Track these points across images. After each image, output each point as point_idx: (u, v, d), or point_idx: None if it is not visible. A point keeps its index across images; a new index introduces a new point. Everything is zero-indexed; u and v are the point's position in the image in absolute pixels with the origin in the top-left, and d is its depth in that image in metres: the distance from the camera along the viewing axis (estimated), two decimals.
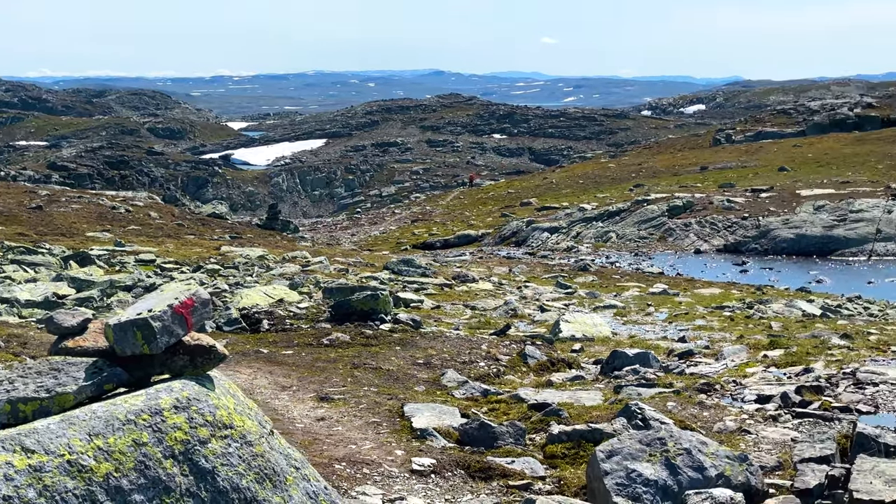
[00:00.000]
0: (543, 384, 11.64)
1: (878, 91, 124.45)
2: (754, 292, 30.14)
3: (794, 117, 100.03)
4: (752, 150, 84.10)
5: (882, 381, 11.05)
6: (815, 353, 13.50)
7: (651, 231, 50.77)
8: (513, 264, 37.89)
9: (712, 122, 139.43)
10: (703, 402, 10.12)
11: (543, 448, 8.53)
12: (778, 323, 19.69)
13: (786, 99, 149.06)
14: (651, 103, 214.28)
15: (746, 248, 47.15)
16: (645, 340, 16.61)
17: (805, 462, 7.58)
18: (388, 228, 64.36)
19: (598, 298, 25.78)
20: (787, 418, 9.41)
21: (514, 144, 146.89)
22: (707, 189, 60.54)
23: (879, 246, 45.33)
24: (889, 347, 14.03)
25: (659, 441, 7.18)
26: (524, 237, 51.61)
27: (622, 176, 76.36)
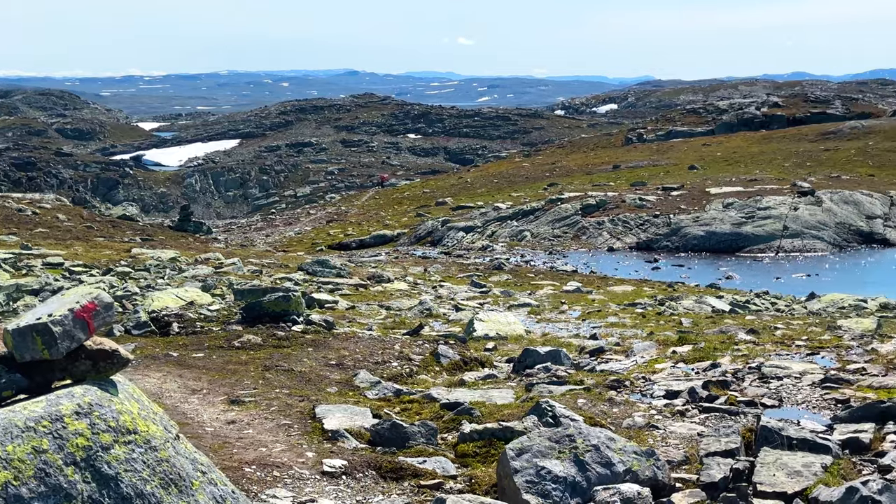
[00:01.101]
0: (456, 383, 11.67)
1: (783, 91, 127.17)
2: (666, 289, 30.59)
3: (703, 116, 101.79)
4: (664, 148, 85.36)
5: (786, 374, 11.29)
6: (722, 348, 13.74)
7: (565, 230, 51.21)
8: (428, 264, 37.94)
9: (624, 122, 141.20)
10: (612, 398, 10.24)
11: (455, 447, 8.54)
12: (688, 319, 20.00)
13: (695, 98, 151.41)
14: (564, 103, 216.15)
15: (658, 245, 47.84)
16: (557, 338, 16.74)
17: (711, 456, 7.71)
18: (303, 229, 63.98)
19: (513, 297, 25.91)
20: (694, 413, 9.55)
21: (429, 144, 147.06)
22: (620, 188, 61.27)
23: (786, 242, 46.33)
24: (793, 342, 14.33)
25: (568, 438, 7.24)
26: (439, 237, 51.71)
27: (536, 175, 76.92)
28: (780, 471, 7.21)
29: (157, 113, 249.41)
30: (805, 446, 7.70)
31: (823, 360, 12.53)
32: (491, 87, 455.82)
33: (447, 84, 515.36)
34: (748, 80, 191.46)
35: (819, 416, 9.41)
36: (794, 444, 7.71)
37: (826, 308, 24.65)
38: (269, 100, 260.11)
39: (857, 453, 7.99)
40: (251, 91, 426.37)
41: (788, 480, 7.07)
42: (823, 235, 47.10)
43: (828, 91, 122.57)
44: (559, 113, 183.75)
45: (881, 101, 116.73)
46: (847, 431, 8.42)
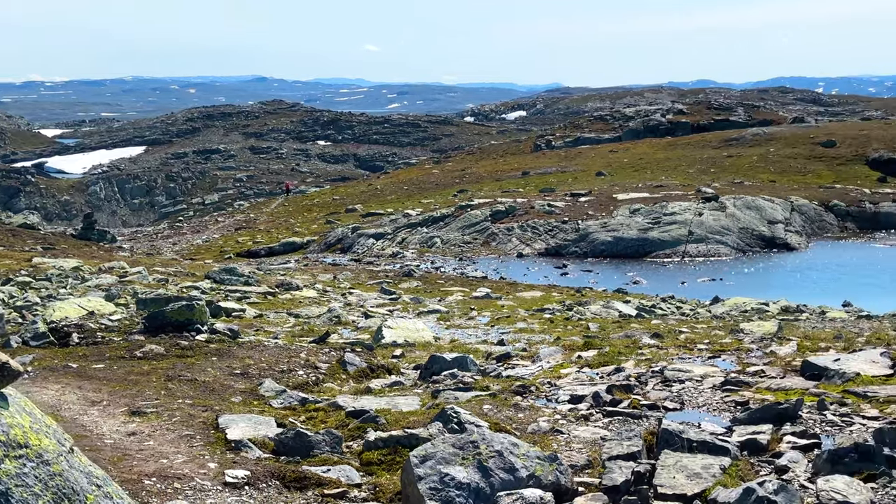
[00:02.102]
0: (362, 391, 11.62)
1: (688, 98, 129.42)
2: (574, 294, 30.87)
3: (610, 123, 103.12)
4: (572, 155, 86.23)
5: (688, 378, 11.46)
6: (626, 352, 13.90)
7: (475, 236, 51.39)
8: (338, 271, 37.76)
9: (533, 128, 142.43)
10: (518, 403, 10.27)
11: (360, 455, 8.49)
12: (595, 324, 20.19)
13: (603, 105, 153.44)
14: (474, 109, 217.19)
15: (567, 251, 48.28)
16: (465, 345, 16.76)
17: (613, 459, 7.77)
18: (211, 237, 63.23)
19: (423, 303, 25.90)
20: (598, 417, 9.64)
21: (338, 151, 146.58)
22: (529, 194, 61.69)
23: (691, 247, 47.09)
24: (696, 345, 14.56)
25: (472, 444, 7.24)
26: (350, 244, 51.50)
27: (446, 182, 77.12)
28: (680, 473, 7.30)
29: (59, 119, 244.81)
30: (705, 448, 7.82)
31: (724, 363, 12.74)
32: (401, 94, 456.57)
33: (357, 91, 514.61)
34: (654, 87, 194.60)
35: (719, 418, 9.56)
36: (694, 447, 7.82)
37: (729, 312, 25.12)
38: (175, 106, 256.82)
39: (755, 454, 8.13)
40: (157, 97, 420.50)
41: (688, 482, 7.16)
42: (727, 240, 47.99)
43: (731, 99, 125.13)
44: (469, 120, 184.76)
45: (782, 109, 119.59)
46: (746, 433, 8.57)
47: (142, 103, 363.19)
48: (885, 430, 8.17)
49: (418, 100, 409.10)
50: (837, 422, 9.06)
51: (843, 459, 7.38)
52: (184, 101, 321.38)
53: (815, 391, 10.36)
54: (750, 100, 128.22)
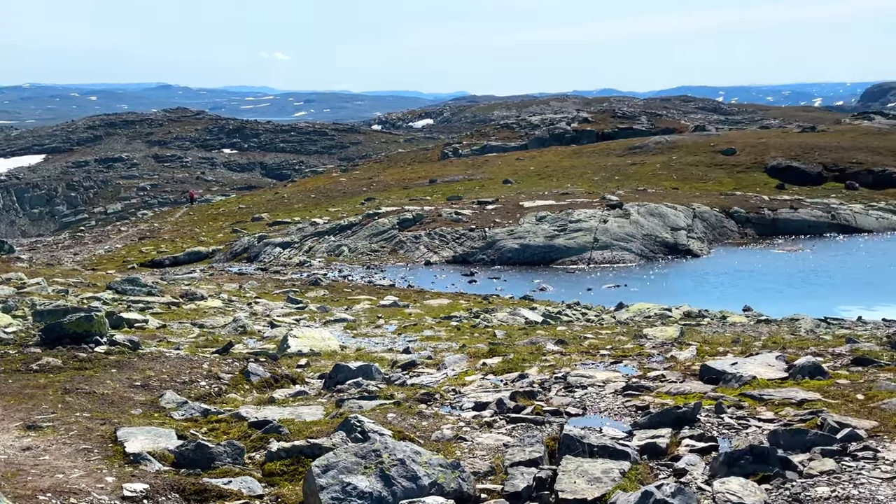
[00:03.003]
0: (266, 401, 11.51)
1: (592, 106, 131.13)
2: (481, 302, 31.00)
3: (517, 131, 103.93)
4: (479, 163, 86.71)
5: (590, 383, 11.60)
6: (531, 359, 14.00)
7: (383, 244, 51.33)
8: (244, 280, 37.38)
9: (440, 136, 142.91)
10: (422, 411, 10.28)
11: (263, 466, 8.41)
12: (502, 331, 20.30)
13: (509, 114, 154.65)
14: (381, 118, 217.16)
15: (474, 258, 48.47)
16: (371, 353, 16.73)
17: (515, 465, 7.83)
18: (114, 247, 62.11)
19: (330, 312, 25.80)
20: (501, 424, 9.69)
21: (245, 159, 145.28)
22: (436, 202, 61.86)
23: (597, 254, 47.65)
24: (598, 351, 14.73)
25: (374, 453, 7.23)
26: (256, 253, 51.06)
27: (354, 190, 76.98)
28: (581, 478, 7.38)
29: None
30: (605, 453, 7.92)
31: (626, 368, 12.92)
32: (307, 102, 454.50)
33: (263, 99, 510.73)
34: (559, 96, 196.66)
35: (620, 422, 9.69)
36: (595, 452, 7.92)
37: (633, 317, 25.45)
38: (76, 114, 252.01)
39: (655, 458, 8.26)
40: (57, 105, 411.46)
41: (588, 487, 7.24)
42: (632, 247, 48.66)
43: (634, 107, 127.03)
44: (376, 128, 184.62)
45: (684, 117, 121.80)
46: (645, 437, 8.69)
47: (41, 111, 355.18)
48: (780, 432, 8.38)
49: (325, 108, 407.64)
50: (734, 424, 9.25)
51: (739, 461, 7.54)
52: (85, 109, 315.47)
53: (713, 395, 10.56)
54: (653, 108, 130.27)
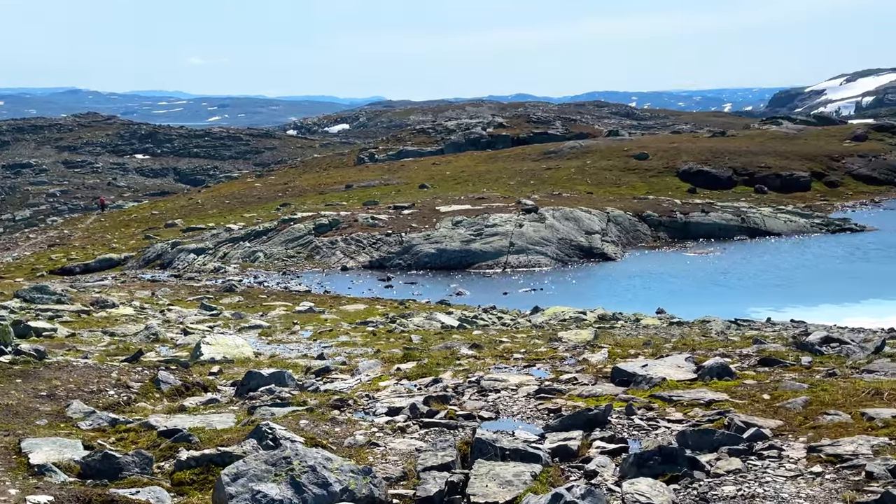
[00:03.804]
0: (176, 410, 11.34)
1: (507, 112, 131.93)
2: (397, 307, 31.00)
3: (433, 136, 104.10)
4: (395, 168, 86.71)
5: (503, 387, 11.65)
6: (445, 363, 14.02)
7: (299, 250, 51.02)
8: (157, 287, 36.85)
9: (356, 141, 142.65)
10: (335, 417, 10.23)
11: (172, 475, 8.28)
12: (418, 336, 20.30)
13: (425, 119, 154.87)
14: (296, 123, 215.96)
15: (391, 263, 48.42)
16: (285, 360, 16.60)
17: (428, 470, 7.82)
18: (22, 254, 60.72)
19: (244, 319, 25.57)
20: (414, 429, 9.68)
21: (158, 165, 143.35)
22: (352, 207, 61.69)
23: (513, 258, 47.92)
24: (512, 355, 14.81)
25: (285, 460, 7.16)
26: (169, 259, 50.38)
27: (269, 195, 76.42)
28: (493, 481, 7.40)
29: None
30: (517, 456, 7.95)
31: (539, 371, 13.00)
32: (221, 107, 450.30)
33: (176, 103, 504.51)
34: (475, 101, 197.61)
35: (533, 425, 9.74)
36: (507, 455, 7.94)
37: (549, 321, 25.64)
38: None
39: (566, 460, 8.32)
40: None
41: (500, 490, 7.27)
42: (547, 251, 49.02)
43: (549, 112, 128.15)
44: (291, 133, 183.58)
45: (598, 122, 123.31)
46: (557, 439, 8.75)
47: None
48: (688, 432, 8.50)
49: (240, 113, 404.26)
50: (644, 426, 9.36)
51: (648, 462, 7.63)
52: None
53: (624, 397, 10.68)
54: (567, 113, 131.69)
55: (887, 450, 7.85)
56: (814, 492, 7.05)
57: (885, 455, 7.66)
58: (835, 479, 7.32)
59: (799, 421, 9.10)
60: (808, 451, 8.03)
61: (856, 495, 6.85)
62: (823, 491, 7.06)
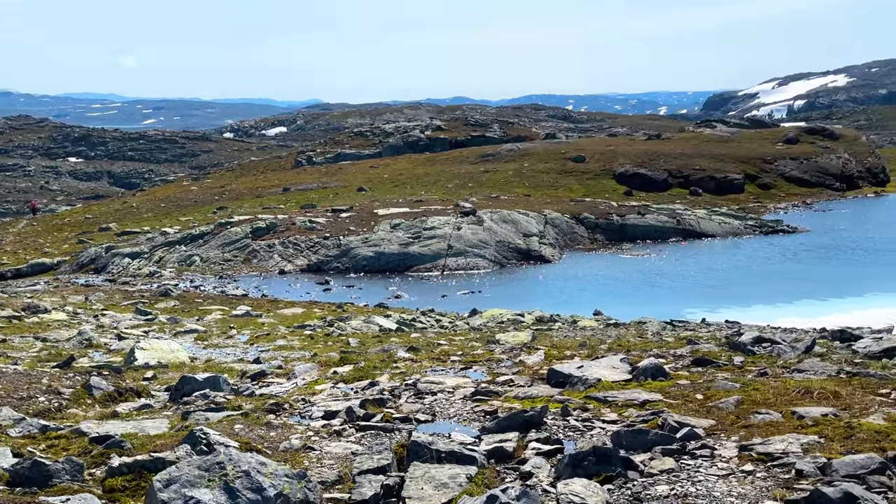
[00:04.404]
0: (108, 416, 11.19)
1: (445, 115, 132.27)
2: (335, 310, 30.89)
3: (370, 139, 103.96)
4: (333, 171, 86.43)
5: (440, 389, 11.66)
6: (382, 366, 14.00)
7: (236, 253, 50.64)
8: (90, 292, 36.34)
9: (294, 144, 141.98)
10: (271, 422, 10.16)
11: (103, 482, 8.16)
12: (356, 339, 20.26)
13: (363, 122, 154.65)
14: (233, 126, 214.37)
15: (329, 266, 48.24)
16: (221, 364, 16.47)
17: (363, 474, 7.80)
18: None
19: (180, 323, 25.32)
20: (350, 432, 9.65)
21: (91, 168, 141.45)
22: (290, 210, 61.39)
23: (451, 261, 47.98)
24: (449, 357, 14.82)
25: (218, 465, 7.09)
26: (104, 264, 49.71)
27: (205, 199, 75.76)
28: (428, 484, 7.40)
29: None
30: (453, 458, 7.96)
31: (476, 373, 13.03)
32: (156, 110, 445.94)
33: (110, 106, 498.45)
34: (413, 104, 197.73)
35: (469, 428, 9.76)
36: (442, 457, 7.94)
37: (487, 323, 25.71)
38: None
39: (502, 462, 8.34)
40: None
41: (435, 493, 7.26)
42: (485, 253, 49.15)
43: (487, 115, 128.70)
44: (228, 136, 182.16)
45: (535, 125, 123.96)
46: (493, 441, 8.77)
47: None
48: (622, 432, 8.57)
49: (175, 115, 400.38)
50: (579, 427, 9.42)
51: (583, 463, 7.67)
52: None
53: (559, 398, 10.74)
54: (505, 116, 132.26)
55: (816, 448, 7.98)
56: (745, 490, 7.14)
57: (815, 453, 7.78)
58: (765, 477, 7.42)
59: (731, 420, 9.22)
60: (739, 449, 8.14)
61: (786, 493, 6.95)
62: (755, 489, 7.15)
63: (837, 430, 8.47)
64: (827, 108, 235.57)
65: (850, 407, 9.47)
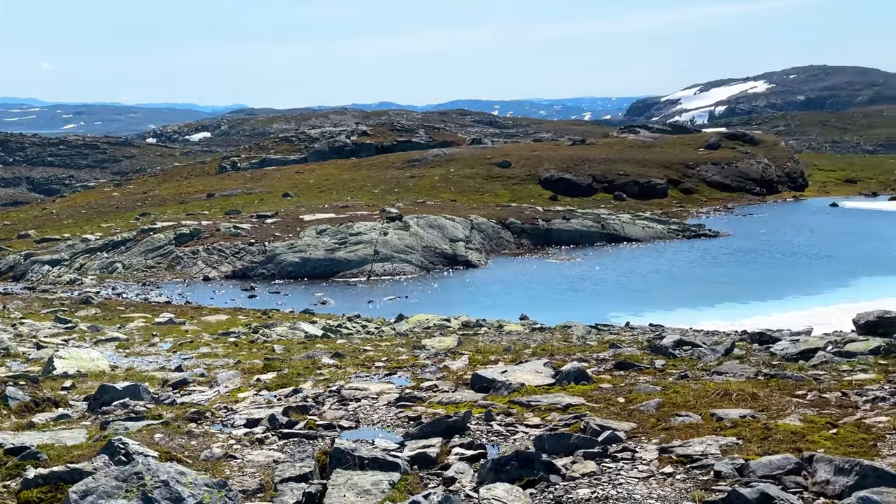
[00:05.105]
0: (25, 426, 10.95)
1: (371, 120, 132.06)
2: (260, 317, 30.67)
3: (296, 145, 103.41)
4: (258, 176, 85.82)
5: (364, 396, 11.61)
6: (306, 373, 13.91)
7: (159, 260, 50.04)
8: (8, 300, 35.63)
9: (218, 150, 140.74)
10: (192, 430, 10.02)
11: (18, 495, 7.98)
12: (281, 346, 20.13)
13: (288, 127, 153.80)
14: (156, 131, 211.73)
15: (254, 273, 47.91)
16: (142, 373, 16.24)
17: (285, 482, 7.73)
18: None
19: (101, 332, 24.91)
20: (273, 440, 9.55)
21: (9, 174, 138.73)
22: (214, 216, 60.85)
23: (377, 266, 47.93)
24: (374, 363, 14.78)
25: (136, 476, 6.98)
26: (23, 271, 48.81)
27: (128, 205, 74.76)
28: (351, 491, 7.36)
29: None
30: (376, 465, 7.92)
31: (400, 379, 13.00)
32: (77, 114, 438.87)
33: (28, 111, 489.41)
34: (339, 109, 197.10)
35: (393, 434, 9.72)
36: (365, 464, 7.91)
37: (413, 329, 25.73)
38: None
39: (425, 468, 8.32)
40: None
41: (358, 500, 7.22)
42: (412, 259, 49.16)
43: (413, 121, 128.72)
44: (151, 141, 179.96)
45: (461, 130, 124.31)
46: (416, 447, 8.75)
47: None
48: (545, 436, 8.60)
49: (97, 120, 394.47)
50: (503, 431, 9.44)
51: (506, 467, 7.68)
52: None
53: (483, 403, 10.75)
54: (431, 122, 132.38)
55: (735, 449, 8.09)
56: (665, 492, 7.21)
57: (733, 454, 7.89)
58: (685, 479, 7.50)
59: (652, 423, 9.31)
60: (660, 452, 8.22)
61: (704, 494, 7.03)
62: (674, 491, 7.22)
63: (755, 432, 8.60)
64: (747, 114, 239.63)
65: (768, 408, 9.63)
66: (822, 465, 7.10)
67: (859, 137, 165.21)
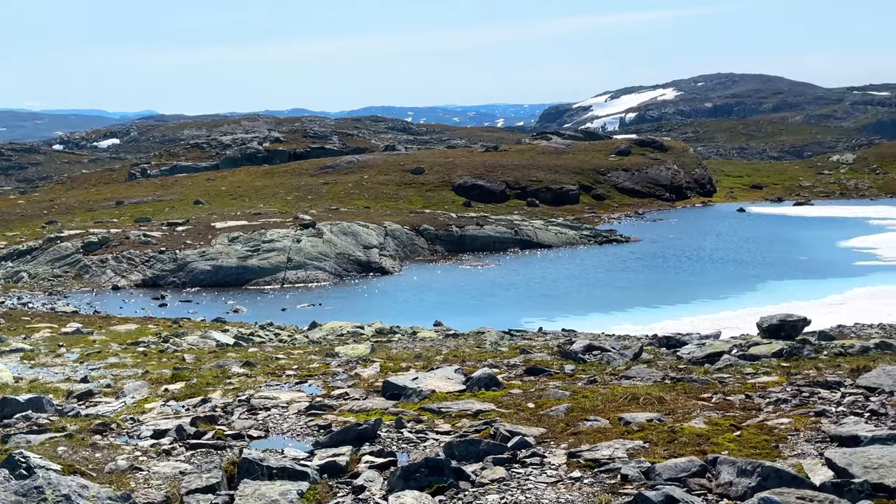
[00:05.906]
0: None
1: (284, 126, 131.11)
2: (171, 326, 30.23)
3: (207, 151, 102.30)
4: (168, 183, 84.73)
5: (274, 405, 11.52)
6: (215, 382, 13.75)
7: (66, 269, 49.06)
8: None
9: (127, 157, 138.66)
10: (96, 443, 9.84)
11: None
12: (191, 355, 19.85)
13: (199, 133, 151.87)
14: (63, 137, 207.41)
15: (165, 281, 47.25)
16: (46, 384, 15.87)
17: (192, 493, 7.64)
18: None
19: (5, 342, 24.30)
20: (180, 451, 9.43)
21: None
22: (123, 224, 59.91)
23: (291, 274, 47.61)
24: (285, 371, 14.67)
25: (36, 490, 6.84)
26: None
27: (33, 213, 73.20)
28: (259, 501, 7.30)
29: None
30: (285, 474, 7.87)
31: (311, 387, 12.94)
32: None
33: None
34: (251, 115, 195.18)
35: (303, 443, 9.67)
36: (274, 474, 7.85)
37: (326, 336, 25.60)
38: None
39: (335, 476, 8.28)
40: None
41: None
42: (325, 266, 48.93)
43: (326, 127, 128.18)
44: (58, 148, 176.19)
45: (374, 137, 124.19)
46: (326, 456, 8.71)
47: None
48: (455, 443, 8.62)
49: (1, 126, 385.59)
50: (413, 438, 9.44)
51: (415, 475, 7.68)
52: None
53: (394, 410, 10.75)
54: (344, 128, 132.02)
55: (641, 453, 8.20)
56: (573, 496, 7.27)
57: (640, 458, 7.99)
58: (592, 483, 7.58)
59: (561, 427, 9.39)
60: (568, 456, 8.29)
61: (611, 498, 7.11)
62: (582, 495, 7.29)
63: (661, 435, 8.73)
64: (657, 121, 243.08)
65: (674, 412, 9.78)
66: (726, 467, 7.23)
67: (765, 144, 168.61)
